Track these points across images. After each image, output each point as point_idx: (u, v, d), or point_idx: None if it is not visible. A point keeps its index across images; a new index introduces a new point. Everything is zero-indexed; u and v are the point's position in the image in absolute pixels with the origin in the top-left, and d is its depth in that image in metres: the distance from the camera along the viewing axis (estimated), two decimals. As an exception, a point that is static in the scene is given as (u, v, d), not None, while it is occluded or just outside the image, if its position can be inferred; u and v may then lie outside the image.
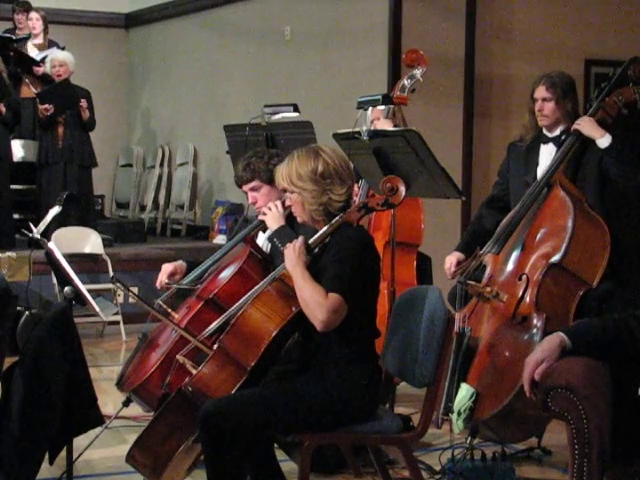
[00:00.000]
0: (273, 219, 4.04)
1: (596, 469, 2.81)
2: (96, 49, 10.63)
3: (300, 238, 3.37)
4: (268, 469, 3.47)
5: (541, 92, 4.57)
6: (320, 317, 3.20)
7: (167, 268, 4.34)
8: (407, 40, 6.89)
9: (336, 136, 4.44)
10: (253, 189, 4.25)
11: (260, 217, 4.18)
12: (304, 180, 3.36)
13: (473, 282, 4.29)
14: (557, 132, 4.59)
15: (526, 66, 6.92)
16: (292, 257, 3.31)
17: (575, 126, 4.41)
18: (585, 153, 4.44)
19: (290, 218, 3.86)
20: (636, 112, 4.49)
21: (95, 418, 3.63)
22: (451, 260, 4.66)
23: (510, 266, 4.28)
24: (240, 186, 4.30)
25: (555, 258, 4.15)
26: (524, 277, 4.16)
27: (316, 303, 3.20)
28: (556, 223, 4.24)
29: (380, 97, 4.67)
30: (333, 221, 3.36)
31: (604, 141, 4.32)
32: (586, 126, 4.37)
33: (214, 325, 3.76)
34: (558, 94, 4.53)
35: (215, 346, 3.41)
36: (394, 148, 4.22)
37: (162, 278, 4.33)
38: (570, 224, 4.17)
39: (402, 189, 3.42)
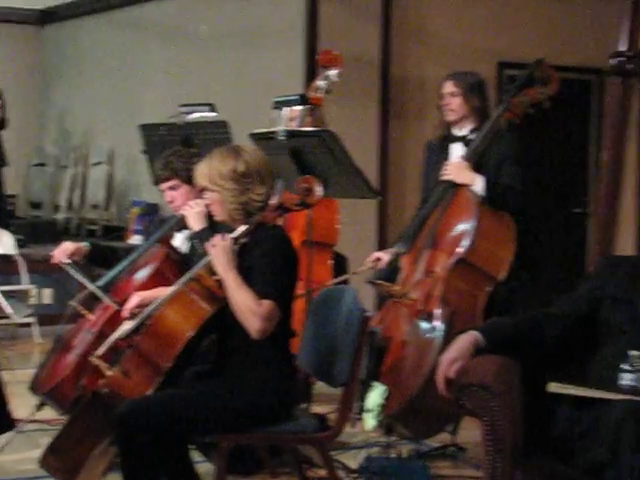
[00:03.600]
0: (196, 219, 4.00)
1: (509, 465, 2.84)
2: (8, 46, 10.42)
3: (227, 238, 3.32)
4: (183, 470, 3.43)
5: (448, 87, 4.62)
6: (256, 326, 3.18)
7: (67, 247, 4.28)
8: (323, 41, 6.89)
9: (252, 136, 4.43)
10: (172, 188, 4.22)
11: (182, 212, 4.13)
12: (224, 179, 3.34)
13: (381, 281, 4.35)
14: (465, 130, 4.64)
15: (440, 68, 6.94)
16: (223, 260, 3.26)
17: (444, 177, 4.45)
18: (486, 153, 4.50)
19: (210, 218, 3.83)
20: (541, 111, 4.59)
21: (6, 422, 3.55)
22: (377, 255, 4.67)
23: (422, 265, 4.34)
24: (158, 184, 4.25)
25: (461, 254, 4.21)
26: (433, 274, 4.22)
27: (250, 311, 3.18)
28: (462, 220, 4.30)
29: (296, 97, 4.68)
30: (251, 221, 3.35)
31: (478, 187, 4.36)
32: (455, 174, 4.42)
33: (129, 326, 3.71)
34: (464, 89, 4.58)
35: (130, 347, 3.36)
36: (310, 148, 4.23)
37: (59, 255, 4.25)
38: (476, 220, 4.23)
39: (318, 189, 3.44)
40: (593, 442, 2.68)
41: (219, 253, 3.28)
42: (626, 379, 2.80)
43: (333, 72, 4.92)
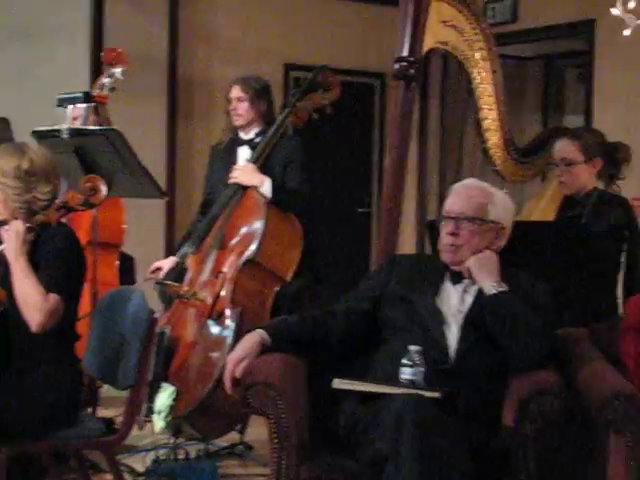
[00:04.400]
0: None
1: (295, 461, 2.88)
2: None
3: (22, 224, 3.24)
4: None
5: (235, 92, 4.66)
6: (38, 319, 3.13)
7: None
8: (109, 38, 6.76)
9: (35, 134, 4.32)
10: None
11: None
12: (7, 176, 3.28)
13: (170, 282, 4.34)
14: (252, 134, 4.70)
15: (228, 69, 6.99)
16: (15, 245, 3.20)
17: (231, 180, 4.48)
18: (272, 156, 4.56)
19: None
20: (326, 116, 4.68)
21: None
22: (157, 265, 4.64)
23: (209, 265, 4.35)
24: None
25: (249, 254, 4.25)
26: (221, 275, 4.24)
27: (34, 303, 3.13)
28: (250, 221, 4.34)
29: (80, 95, 4.59)
30: (34, 220, 3.27)
31: (265, 188, 4.42)
32: (242, 176, 4.46)
33: None
34: (251, 94, 4.63)
35: None
36: (95, 147, 4.16)
37: None
38: (263, 222, 4.28)
39: (103, 189, 3.39)
40: (375, 436, 2.74)
41: (12, 237, 3.22)
42: (406, 373, 2.87)
43: (118, 70, 4.84)
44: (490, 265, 3.13)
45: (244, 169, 4.48)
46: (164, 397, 3.95)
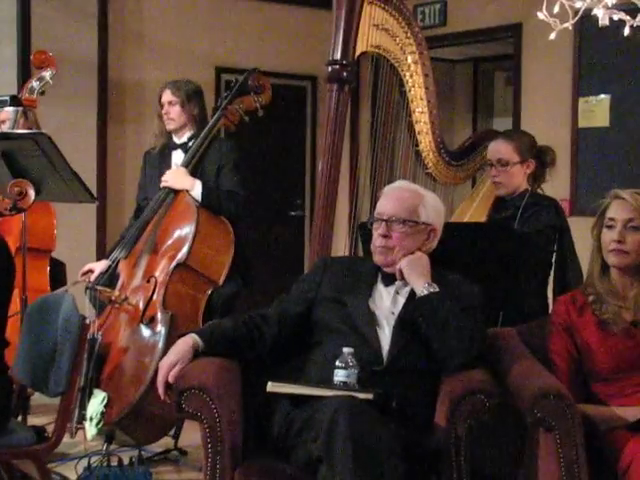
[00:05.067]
0: None
1: (229, 465, 2.87)
2: None
3: None
4: None
5: (167, 96, 4.65)
6: None
7: None
8: (37, 40, 6.64)
9: (-40, 138, 4.24)
10: None
11: None
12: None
13: (101, 287, 4.30)
14: (184, 138, 4.68)
15: (158, 72, 6.94)
16: None
17: (162, 184, 4.48)
18: (204, 159, 4.55)
19: None
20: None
21: None
22: (89, 267, 4.58)
23: (141, 270, 4.33)
24: None
25: (180, 257, 4.24)
26: (152, 279, 4.21)
27: None
28: (181, 224, 4.34)
29: (7, 98, 4.53)
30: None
31: (196, 192, 4.42)
32: (173, 180, 4.45)
33: None
34: (182, 98, 4.63)
35: None
36: (24, 151, 4.07)
37: None
38: (194, 225, 4.28)
39: (31, 193, 3.37)
40: (308, 438, 2.74)
41: None
42: (339, 375, 2.87)
43: (47, 73, 4.79)
44: (421, 266, 3.15)
45: (175, 173, 4.46)
46: (96, 404, 3.91)
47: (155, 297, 4.17)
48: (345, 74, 3.83)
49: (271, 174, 7.98)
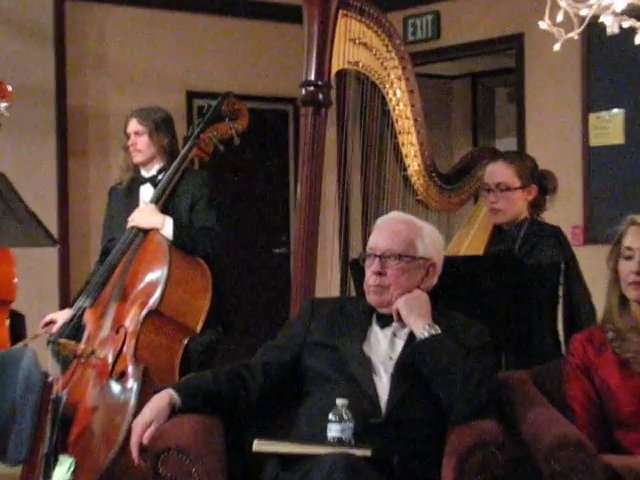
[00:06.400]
0: None
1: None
2: None
3: None
4: None
5: (133, 125, 4.63)
6: None
7: None
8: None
9: None
10: None
11: None
12: None
13: (65, 341, 4.26)
14: (154, 171, 4.67)
15: (124, 99, 6.96)
16: None
17: (130, 224, 4.46)
18: (176, 194, 4.53)
19: None
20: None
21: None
22: (50, 318, 4.57)
23: (109, 319, 4.29)
24: None
25: (152, 304, 4.21)
26: (122, 329, 4.19)
27: None
28: (152, 267, 4.31)
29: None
30: None
31: (167, 230, 4.40)
32: (140, 219, 4.44)
33: None
34: (150, 127, 4.61)
35: None
36: (-25, 191, 4.11)
37: None
38: (166, 267, 4.24)
39: (-15, 238, 3.34)
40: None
41: None
42: (333, 430, 2.85)
43: (2, 105, 4.79)
44: (421, 306, 3.13)
45: (143, 210, 4.45)
46: (62, 471, 3.88)
47: (125, 349, 4.14)
48: (321, 96, 3.83)
49: (251, 208, 7.97)
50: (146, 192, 4.64)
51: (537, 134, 6.84)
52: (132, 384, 4.03)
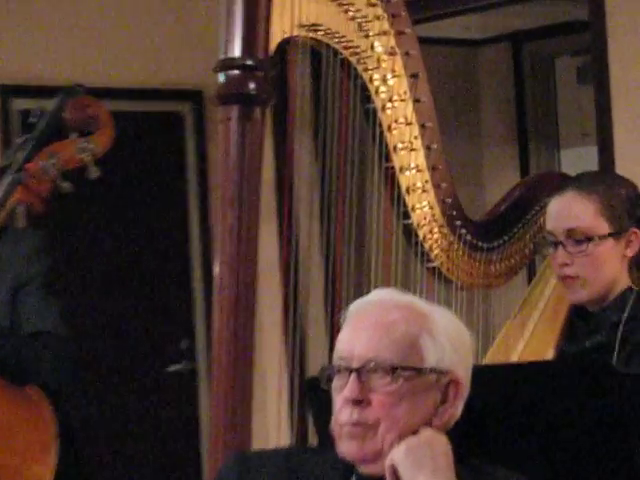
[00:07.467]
0: None
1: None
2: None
3: None
4: None
5: None
6: None
7: None
8: None
9: None
10: None
11: None
12: None
13: None
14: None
15: None
16: None
17: None
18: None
19: None
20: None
21: None
22: None
23: None
24: None
25: None
26: None
27: None
28: None
29: None
30: None
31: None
32: None
33: None
34: None
35: None
36: None
37: None
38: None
39: None
40: None
41: None
42: None
43: None
44: (433, 458, 2.44)
45: None
46: None
47: None
48: (253, 86, 2.90)
49: (126, 293, 6.13)
50: None
51: (634, 139, 5.68)
52: None
